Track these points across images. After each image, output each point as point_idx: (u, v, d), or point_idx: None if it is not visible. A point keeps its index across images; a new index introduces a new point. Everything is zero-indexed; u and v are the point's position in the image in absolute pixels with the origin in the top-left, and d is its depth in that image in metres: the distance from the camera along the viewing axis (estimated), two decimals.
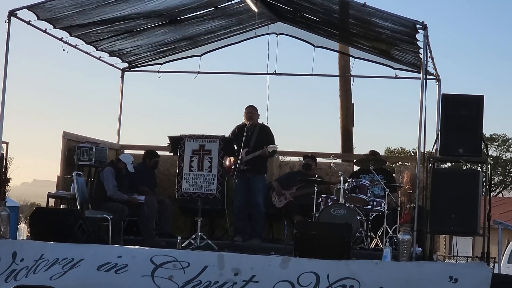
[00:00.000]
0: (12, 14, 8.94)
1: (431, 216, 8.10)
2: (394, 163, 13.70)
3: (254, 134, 10.25)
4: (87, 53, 11.12)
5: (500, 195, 43.35)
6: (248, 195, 10.21)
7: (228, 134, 10.25)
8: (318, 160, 11.24)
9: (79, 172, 10.27)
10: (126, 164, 10.07)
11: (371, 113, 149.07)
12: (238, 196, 10.17)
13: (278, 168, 11.87)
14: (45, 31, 9.75)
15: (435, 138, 8.67)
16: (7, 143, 9.32)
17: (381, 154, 11.51)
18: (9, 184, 8.92)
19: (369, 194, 9.85)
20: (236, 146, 9.98)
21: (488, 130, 42.65)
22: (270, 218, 10.83)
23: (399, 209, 8.98)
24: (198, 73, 12.35)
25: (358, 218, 9.52)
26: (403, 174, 8.94)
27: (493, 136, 44.71)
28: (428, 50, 8.78)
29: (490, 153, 39.70)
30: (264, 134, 10.34)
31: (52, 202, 10.65)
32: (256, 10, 10.68)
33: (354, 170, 11.21)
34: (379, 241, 9.62)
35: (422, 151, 8.62)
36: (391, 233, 9.51)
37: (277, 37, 11.72)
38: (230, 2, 10.60)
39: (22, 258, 7.82)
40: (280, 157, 12.16)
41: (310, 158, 11.02)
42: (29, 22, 9.27)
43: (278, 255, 7.94)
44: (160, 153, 11.08)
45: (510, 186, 45.61)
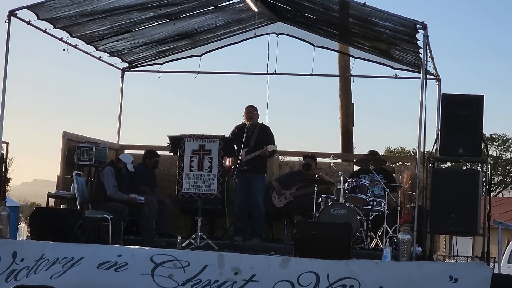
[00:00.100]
0: (12, 14, 8.93)
1: (431, 216, 8.10)
2: (394, 163, 13.70)
3: (254, 134, 10.24)
4: (87, 53, 11.12)
5: (500, 195, 43.35)
6: (248, 195, 10.20)
7: (228, 134, 10.26)
8: (318, 160, 11.23)
9: (79, 172, 10.27)
10: (126, 164, 10.06)
11: (371, 113, 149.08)
12: (238, 196, 10.16)
13: (278, 168, 11.87)
14: (45, 31, 9.74)
15: (435, 138, 8.67)
16: (7, 143, 9.30)
17: (380, 154, 11.51)
18: (9, 184, 8.92)
19: (369, 194, 9.85)
20: (236, 146, 9.99)
21: (488, 130, 42.71)
22: (270, 218, 10.83)
23: (399, 209, 8.99)
24: (198, 73, 12.35)
25: (358, 218, 9.52)
26: (403, 174, 8.95)
27: (493, 136, 44.71)
28: (428, 50, 8.78)
29: (490, 153, 39.69)
30: (264, 134, 10.34)
31: (52, 202, 10.65)
32: (256, 10, 10.68)
33: (354, 170, 11.22)
34: (379, 241, 9.62)
35: (422, 151, 8.62)
36: (391, 233, 9.51)
37: (277, 37, 11.72)
38: (230, 2, 10.60)
39: (22, 258, 7.81)
40: (280, 157, 12.16)
41: (310, 158, 11.02)
42: (29, 22, 9.27)
43: (278, 255, 7.93)
44: (160, 153, 11.08)
45: (510, 186, 45.60)
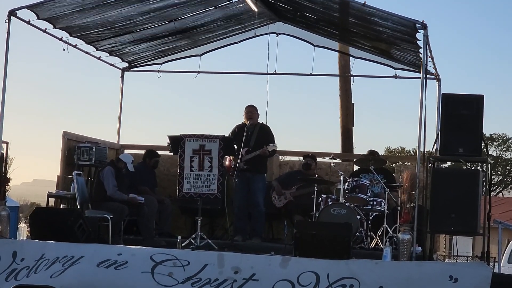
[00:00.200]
0: (12, 13, 8.93)
1: (431, 215, 8.09)
2: (394, 163, 13.72)
3: (254, 133, 10.24)
4: (87, 53, 11.12)
5: (500, 195, 43.32)
6: (248, 195, 10.20)
7: (228, 133, 10.26)
8: (318, 159, 11.24)
9: (79, 171, 10.28)
10: (126, 163, 10.06)
11: (371, 112, 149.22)
12: (238, 195, 10.16)
13: (278, 167, 11.87)
14: (45, 31, 9.74)
15: (435, 137, 8.66)
16: (7, 143, 9.30)
17: (380, 154, 11.51)
18: (9, 184, 8.92)
19: (369, 194, 9.85)
20: (236, 146, 9.98)
21: (488, 129, 42.69)
22: (270, 217, 10.83)
23: (399, 208, 8.99)
24: (198, 72, 12.35)
25: (358, 217, 9.52)
26: (403, 174, 8.95)
27: (493, 135, 44.67)
28: (428, 50, 8.78)
29: (490, 152, 39.68)
30: (264, 134, 10.34)
31: (52, 201, 10.66)
32: (256, 10, 10.68)
33: (354, 169, 11.22)
34: (379, 240, 9.62)
35: (422, 151, 8.61)
36: (391, 232, 9.51)
37: (277, 36, 11.72)
38: (230, 2, 10.60)
39: (22, 257, 7.80)
40: (280, 156, 12.16)
41: (310, 157, 11.03)
42: (29, 22, 9.27)
43: (278, 255, 7.93)
44: (160, 152, 11.08)
45: (510, 185, 45.57)
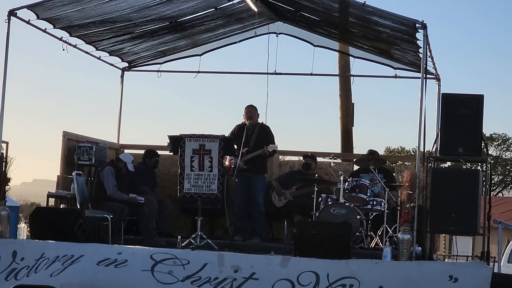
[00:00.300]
0: (12, 13, 8.92)
1: (431, 215, 8.09)
2: (394, 163, 13.71)
3: (254, 133, 10.25)
4: (87, 52, 11.12)
5: (500, 195, 43.32)
6: (248, 195, 10.21)
7: (228, 133, 10.26)
8: (318, 159, 11.24)
9: (79, 171, 10.27)
10: (126, 163, 10.06)
11: (371, 112, 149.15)
12: (238, 195, 10.16)
13: (278, 167, 11.87)
14: (45, 31, 9.74)
15: (435, 137, 8.66)
16: (7, 143, 9.30)
17: (380, 154, 11.50)
18: (9, 183, 8.93)
19: (369, 194, 9.85)
20: (236, 146, 9.99)
21: (488, 129, 42.67)
22: (270, 217, 10.83)
23: (399, 208, 8.99)
24: (198, 72, 12.35)
25: (358, 217, 9.52)
26: (403, 174, 8.96)
27: (493, 135, 44.66)
28: (428, 50, 8.79)
29: (490, 152, 39.67)
30: (264, 134, 10.34)
31: (52, 201, 10.66)
32: (255, 10, 10.67)
33: (354, 169, 11.22)
34: (379, 240, 9.62)
35: (422, 151, 8.61)
36: (391, 232, 9.51)
37: (277, 36, 11.71)
38: (230, 2, 10.60)
39: (22, 257, 7.80)
40: (280, 156, 12.16)
41: (310, 157, 11.03)
42: (29, 22, 9.26)
43: (278, 255, 7.94)
44: (160, 152, 11.08)
45: (510, 185, 45.57)
